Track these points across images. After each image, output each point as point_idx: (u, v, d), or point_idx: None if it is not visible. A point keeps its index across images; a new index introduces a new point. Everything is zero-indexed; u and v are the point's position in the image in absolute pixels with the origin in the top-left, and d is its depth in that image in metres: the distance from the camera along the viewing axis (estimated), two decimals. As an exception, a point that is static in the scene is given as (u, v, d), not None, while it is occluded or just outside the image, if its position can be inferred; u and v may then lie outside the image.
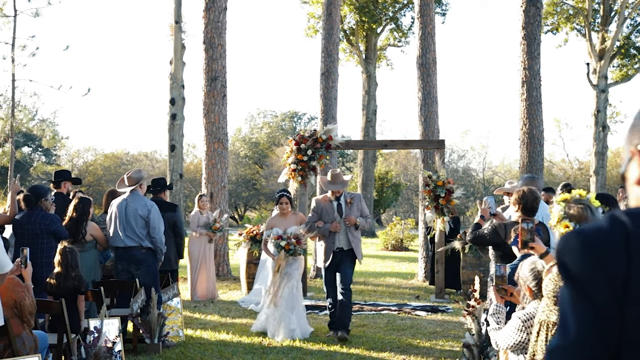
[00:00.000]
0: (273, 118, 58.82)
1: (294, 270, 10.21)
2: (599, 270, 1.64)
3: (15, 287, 6.39)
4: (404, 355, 8.92)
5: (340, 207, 10.16)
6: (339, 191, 10.16)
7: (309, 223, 10.24)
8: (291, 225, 10.35)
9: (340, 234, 10.07)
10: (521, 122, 17.32)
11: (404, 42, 40.16)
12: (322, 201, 10.31)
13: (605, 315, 1.63)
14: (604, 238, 1.67)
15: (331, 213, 10.14)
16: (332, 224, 10.03)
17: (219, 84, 16.87)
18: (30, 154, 45.47)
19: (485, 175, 52.58)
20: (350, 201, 10.18)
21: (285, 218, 10.54)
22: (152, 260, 9.43)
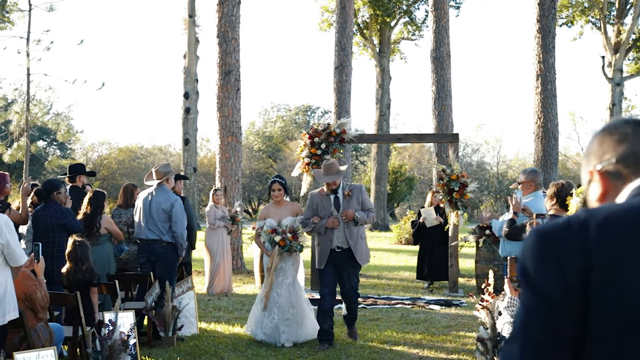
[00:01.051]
0: (287, 112, 58.87)
1: (289, 267, 9.29)
2: (551, 266, 1.62)
3: (26, 281, 6.44)
4: (417, 349, 8.91)
5: (337, 201, 9.10)
6: (334, 183, 9.06)
7: (304, 220, 9.24)
8: (286, 216, 9.34)
9: (338, 231, 9.00)
10: (536, 115, 17.25)
11: (418, 35, 40.09)
12: (317, 195, 9.26)
13: (560, 313, 1.60)
14: (558, 233, 1.65)
15: (327, 208, 9.09)
16: (328, 219, 9.00)
17: (232, 77, 16.88)
18: (45, 148, 45.67)
19: (499, 169, 52.43)
20: (348, 193, 9.10)
21: (280, 207, 9.48)
22: (171, 255, 9.44)
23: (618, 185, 1.80)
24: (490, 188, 48.33)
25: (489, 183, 49.66)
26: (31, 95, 19.98)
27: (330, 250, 9.00)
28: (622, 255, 1.59)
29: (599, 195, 1.83)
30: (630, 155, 1.80)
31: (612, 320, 1.57)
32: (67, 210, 8.82)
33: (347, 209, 8.99)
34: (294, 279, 9.34)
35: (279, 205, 9.50)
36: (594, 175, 1.84)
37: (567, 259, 1.61)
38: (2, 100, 22.81)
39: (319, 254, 9.17)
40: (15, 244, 5.49)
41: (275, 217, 9.35)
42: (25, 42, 19.27)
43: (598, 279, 1.59)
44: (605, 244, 1.61)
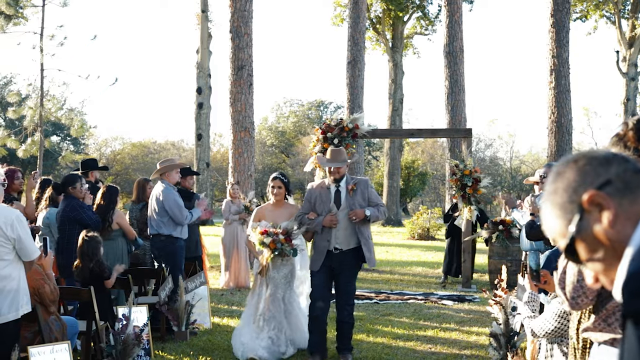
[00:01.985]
0: (299, 107, 58.87)
1: (280, 279, 8.24)
2: None
3: (33, 275, 6.47)
4: (430, 344, 8.90)
5: (338, 195, 7.98)
6: (338, 171, 7.95)
7: (299, 216, 8.13)
8: (284, 219, 8.24)
9: (337, 230, 7.89)
10: (549, 110, 17.18)
11: (431, 30, 40.01)
12: (316, 188, 8.16)
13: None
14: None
15: (327, 203, 7.97)
16: (325, 216, 7.88)
17: (245, 72, 16.88)
18: (59, 143, 45.88)
19: (512, 164, 52.25)
20: (352, 188, 7.97)
21: (278, 209, 8.40)
22: (171, 247, 9.53)
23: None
24: (504, 183, 48.17)
25: (502, 178, 49.51)
26: (45, 90, 20.06)
27: (327, 252, 7.93)
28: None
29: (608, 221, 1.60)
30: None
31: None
32: (80, 205, 8.85)
33: (352, 205, 7.91)
34: (285, 292, 8.28)
35: (278, 207, 8.42)
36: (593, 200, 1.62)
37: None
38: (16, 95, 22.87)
39: (314, 254, 8.05)
40: (26, 238, 5.52)
41: (271, 220, 8.26)
42: (39, 38, 19.35)
43: None
44: None
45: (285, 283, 8.27)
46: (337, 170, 7.99)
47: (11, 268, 5.53)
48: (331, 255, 7.92)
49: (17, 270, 5.58)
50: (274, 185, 8.42)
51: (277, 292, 8.21)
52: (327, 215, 7.88)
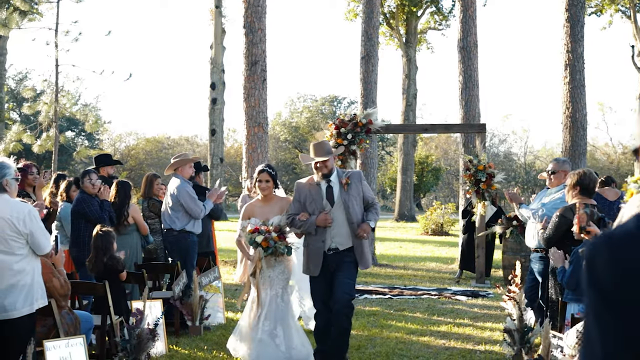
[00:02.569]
0: (313, 102, 58.83)
1: (277, 275, 7.68)
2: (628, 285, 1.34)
3: (42, 269, 6.52)
4: (444, 340, 8.90)
5: (330, 191, 7.34)
6: (325, 165, 7.28)
7: (289, 216, 7.46)
8: (275, 214, 7.69)
9: (333, 229, 7.27)
10: (564, 105, 17.09)
11: (445, 25, 39.89)
12: (305, 185, 7.50)
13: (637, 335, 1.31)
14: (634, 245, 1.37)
15: (318, 200, 7.32)
16: (318, 216, 7.24)
17: (259, 68, 16.88)
18: (73, 139, 46.08)
19: (526, 160, 52.06)
20: (347, 182, 7.32)
21: (267, 204, 7.82)
22: (183, 243, 9.59)
23: None
24: (518, 179, 47.97)
25: (516, 174, 49.31)
26: (60, 86, 20.15)
27: (324, 252, 7.30)
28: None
29: None
30: None
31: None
32: (86, 199, 8.96)
33: (347, 201, 7.26)
34: (283, 291, 7.72)
35: (267, 201, 7.84)
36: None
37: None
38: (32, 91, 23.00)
39: (309, 258, 7.38)
40: (38, 233, 5.55)
41: (262, 216, 7.68)
42: (54, 34, 19.43)
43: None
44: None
45: (282, 280, 7.69)
46: (324, 164, 7.30)
47: (25, 263, 5.56)
48: (327, 257, 7.30)
49: (31, 265, 5.61)
50: (261, 179, 7.78)
51: (272, 290, 7.63)
52: (321, 214, 7.21)
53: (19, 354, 5.27)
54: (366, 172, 17.16)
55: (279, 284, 7.67)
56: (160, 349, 7.86)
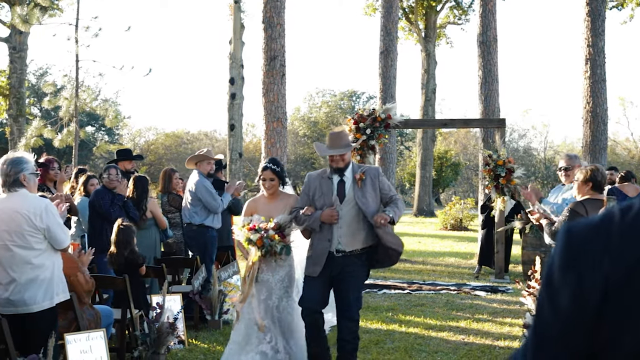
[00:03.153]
0: (332, 97, 58.82)
1: (276, 282, 6.92)
2: (570, 277, 1.37)
3: (67, 263, 6.57)
4: (463, 335, 8.88)
5: (342, 187, 6.70)
6: (342, 159, 6.68)
7: (295, 210, 6.84)
8: (279, 212, 6.97)
9: (340, 228, 6.60)
10: (584, 100, 16.98)
11: (464, 19, 39.72)
12: (316, 177, 6.92)
13: (572, 330, 1.37)
14: (586, 236, 1.39)
15: (327, 195, 6.68)
16: (324, 210, 6.58)
17: (277, 63, 16.89)
18: (93, 134, 46.32)
19: (546, 155, 51.79)
20: (361, 177, 6.66)
21: (273, 201, 7.13)
22: (202, 237, 9.68)
23: None
24: (537, 174, 47.77)
25: (536, 169, 49.09)
26: (80, 81, 20.26)
27: (328, 254, 6.62)
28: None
29: None
30: None
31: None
32: (98, 192, 9.14)
33: (361, 198, 6.62)
34: (279, 301, 6.92)
35: (272, 198, 7.15)
36: None
37: (588, 272, 1.35)
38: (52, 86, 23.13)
39: (311, 257, 6.74)
40: (56, 227, 5.59)
41: (265, 214, 6.99)
42: (74, 29, 19.53)
43: (614, 306, 1.33)
44: (626, 255, 1.33)
45: (282, 288, 6.93)
46: (341, 157, 6.69)
47: (44, 257, 5.60)
48: (332, 259, 6.60)
49: (50, 260, 5.65)
50: (265, 177, 7.05)
51: (270, 298, 6.88)
52: (327, 210, 6.56)
53: (40, 347, 5.32)
54: (385, 167, 17.13)
55: (277, 293, 6.87)
56: (179, 343, 7.91)
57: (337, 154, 6.69)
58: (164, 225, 9.84)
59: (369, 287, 12.34)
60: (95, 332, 6.08)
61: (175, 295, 8.18)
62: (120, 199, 9.05)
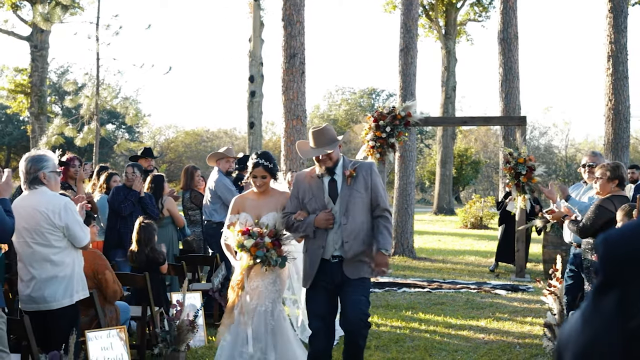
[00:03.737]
0: (351, 95, 58.79)
1: (267, 286, 6.22)
2: (613, 282, 1.46)
3: (96, 260, 6.61)
4: (483, 334, 8.84)
5: (334, 186, 5.99)
6: (329, 157, 5.95)
7: (284, 215, 6.14)
8: (270, 210, 6.31)
9: (334, 233, 5.90)
10: (606, 97, 16.85)
11: (485, 16, 39.53)
12: (305, 178, 6.18)
13: (613, 333, 1.43)
14: (624, 244, 1.48)
15: (319, 196, 5.99)
16: (317, 215, 5.91)
17: (297, 60, 16.89)
18: (114, 131, 46.58)
19: (567, 153, 51.47)
20: (351, 174, 5.92)
21: (263, 197, 6.42)
22: (220, 235, 9.70)
23: None
24: (559, 172, 47.49)
25: (557, 167, 48.80)
26: (100, 79, 20.37)
27: (322, 262, 5.92)
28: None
29: None
30: None
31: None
32: (115, 189, 9.33)
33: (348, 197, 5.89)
34: (273, 306, 6.24)
35: (262, 195, 6.43)
36: None
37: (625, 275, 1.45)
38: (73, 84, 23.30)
39: (306, 266, 6.06)
40: (74, 225, 5.61)
41: (254, 212, 6.37)
42: (95, 27, 19.64)
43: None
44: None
45: (274, 292, 6.24)
46: (328, 156, 5.96)
47: (64, 255, 5.63)
48: (329, 266, 5.90)
49: (70, 257, 5.68)
50: (256, 174, 6.33)
51: (260, 304, 6.18)
52: (321, 213, 5.89)
53: (61, 344, 5.35)
54: (405, 165, 17.09)
55: (269, 297, 6.19)
56: (199, 340, 7.92)
57: (322, 154, 5.94)
58: (182, 224, 9.88)
59: (389, 286, 12.32)
60: (116, 329, 6.11)
61: (195, 293, 8.20)
62: (134, 195, 9.10)
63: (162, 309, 7.53)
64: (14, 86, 31.55)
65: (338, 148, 6.04)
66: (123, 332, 6.11)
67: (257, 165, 6.31)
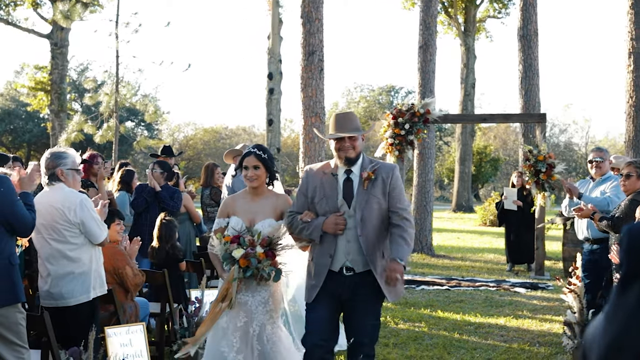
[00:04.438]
0: (370, 92, 58.73)
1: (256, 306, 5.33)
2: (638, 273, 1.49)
3: (116, 256, 6.63)
4: (502, 332, 8.80)
5: (350, 186, 5.13)
6: (353, 145, 5.14)
7: (290, 215, 5.28)
8: (264, 216, 5.44)
9: (349, 242, 5.06)
10: (627, 94, 16.70)
11: (504, 13, 39.39)
12: (317, 172, 5.32)
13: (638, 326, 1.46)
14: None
15: (331, 196, 5.14)
16: (327, 218, 5.06)
17: (316, 58, 16.88)
18: (133, 129, 46.79)
19: (587, 150, 51.13)
20: (370, 176, 5.08)
21: (257, 199, 5.52)
22: None
23: None
24: (579, 169, 47.20)
25: (577, 164, 48.53)
26: (120, 77, 20.46)
27: (330, 273, 5.11)
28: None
29: None
30: None
31: None
32: (135, 187, 9.43)
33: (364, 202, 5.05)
34: (268, 327, 5.34)
35: (256, 196, 5.52)
36: None
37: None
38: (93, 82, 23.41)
39: (311, 276, 5.23)
40: (90, 222, 5.62)
41: (246, 216, 5.45)
42: (115, 25, 19.72)
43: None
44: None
45: (264, 312, 5.35)
46: (352, 143, 5.15)
47: (80, 251, 5.65)
48: (337, 280, 5.10)
49: (87, 254, 5.70)
50: (247, 165, 5.44)
51: (250, 325, 5.31)
52: (331, 216, 5.05)
53: (80, 340, 5.37)
54: (423, 162, 17.05)
55: (259, 319, 5.32)
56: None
57: (348, 134, 5.13)
58: (198, 220, 9.91)
59: (407, 283, 12.30)
60: (135, 325, 6.12)
61: (213, 290, 8.19)
62: (149, 191, 9.14)
63: (181, 306, 7.55)
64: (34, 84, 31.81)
65: (362, 139, 5.26)
66: (142, 328, 6.13)
67: (248, 154, 5.45)
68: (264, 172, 5.44)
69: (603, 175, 7.96)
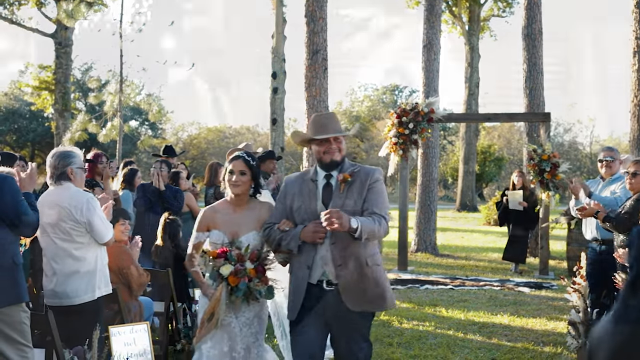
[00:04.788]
0: (374, 91, 58.67)
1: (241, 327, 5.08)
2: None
3: (121, 255, 6.64)
4: (506, 331, 8.79)
5: (329, 191, 4.80)
6: (339, 147, 4.81)
7: (267, 226, 4.93)
8: (249, 229, 5.10)
9: (326, 250, 4.69)
10: (632, 94, 16.66)
11: (509, 12, 39.31)
12: (297, 180, 4.99)
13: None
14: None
15: (310, 203, 4.81)
16: (305, 227, 4.69)
17: (320, 57, 16.87)
18: (137, 128, 46.81)
19: (592, 149, 51.07)
20: (345, 178, 4.74)
21: (240, 210, 5.18)
22: None
23: None
24: (583, 169, 47.15)
25: (581, 164, 48.46)
26: (124, 76, 20.48)
27: (309, 288, 4.74)
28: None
29: None
30: None
31: None
32: (138, 187, 9.43)
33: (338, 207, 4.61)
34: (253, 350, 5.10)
35: (239, 206, 5.19)
36: None
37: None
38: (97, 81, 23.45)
39: (291, 291, 4.87)
40: (97, 222, 5.64)
41: (229, 229, 5.10)
42: (119, 25, 19.73)
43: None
44: None
45: (249, 334, 5.09)
46: (338, 145, 4.83)
47: (85, 250, 5.67)
48: (318, 295, 4.72)
49: (92, 253, 5.71)
50: (233, 169, 5.11)
51: (234, 349, 5.05)
52: (310, 224, 4.67)
53: (84, 339, 5.38)
54: (428, 161, 17.04)
55: (243, 340, 5.06)
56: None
57: (332, 135, 4.77)
58: None
59: (411, 283, 12.30)
60: (139, 324, 6.12)
61: (217, 289, 8.21)
62: (153, 191, 9.14)
63: (185, 305, 7.55)
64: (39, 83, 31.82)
65: (345, 143, 4.94)
66: (146, 327, 6.13)
67: (236, 158, 5.14)
68: (249, 180, 5.13)
69: (613, 175, 7.91)
